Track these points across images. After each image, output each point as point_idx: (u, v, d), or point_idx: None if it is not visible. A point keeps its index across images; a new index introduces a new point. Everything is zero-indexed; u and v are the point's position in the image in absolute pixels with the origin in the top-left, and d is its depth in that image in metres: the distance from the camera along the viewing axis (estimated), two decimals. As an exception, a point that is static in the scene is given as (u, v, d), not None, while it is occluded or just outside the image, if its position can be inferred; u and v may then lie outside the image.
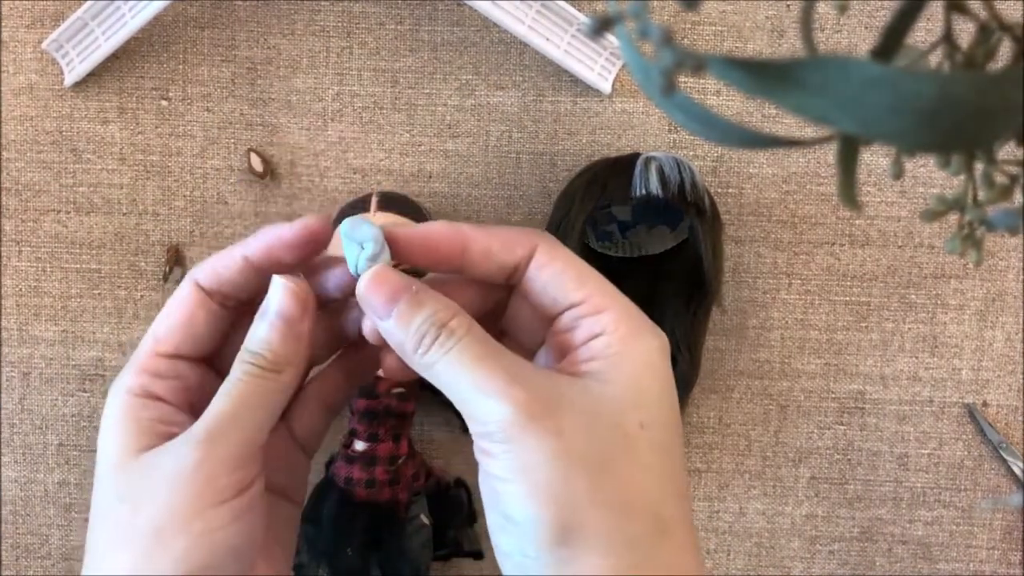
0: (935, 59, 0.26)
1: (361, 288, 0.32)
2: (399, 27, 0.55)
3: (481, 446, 0.31)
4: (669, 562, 0.30)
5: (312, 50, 0.55)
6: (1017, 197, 0.28)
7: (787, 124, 0.55)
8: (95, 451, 0.33)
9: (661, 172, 0.50)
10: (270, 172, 0.56)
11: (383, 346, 0.34)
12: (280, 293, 0.33)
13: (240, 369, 0.33)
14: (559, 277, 0.33)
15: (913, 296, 0.56)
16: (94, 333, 0.57)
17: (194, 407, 0.34)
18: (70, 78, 0.55)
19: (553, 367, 0.33)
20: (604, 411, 0.31)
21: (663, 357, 0.33)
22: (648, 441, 0.31)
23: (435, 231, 0.34)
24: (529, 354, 0.35)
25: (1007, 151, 0.30)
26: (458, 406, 0.31)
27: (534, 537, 0.29)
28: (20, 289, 0.57)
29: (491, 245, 0.33)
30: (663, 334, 0.33)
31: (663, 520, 0.30)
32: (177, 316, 0.34)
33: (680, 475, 0.32)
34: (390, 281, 0.32)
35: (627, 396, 0.31)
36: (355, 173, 0.56)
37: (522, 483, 0.30)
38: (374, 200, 0.50)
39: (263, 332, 0.33)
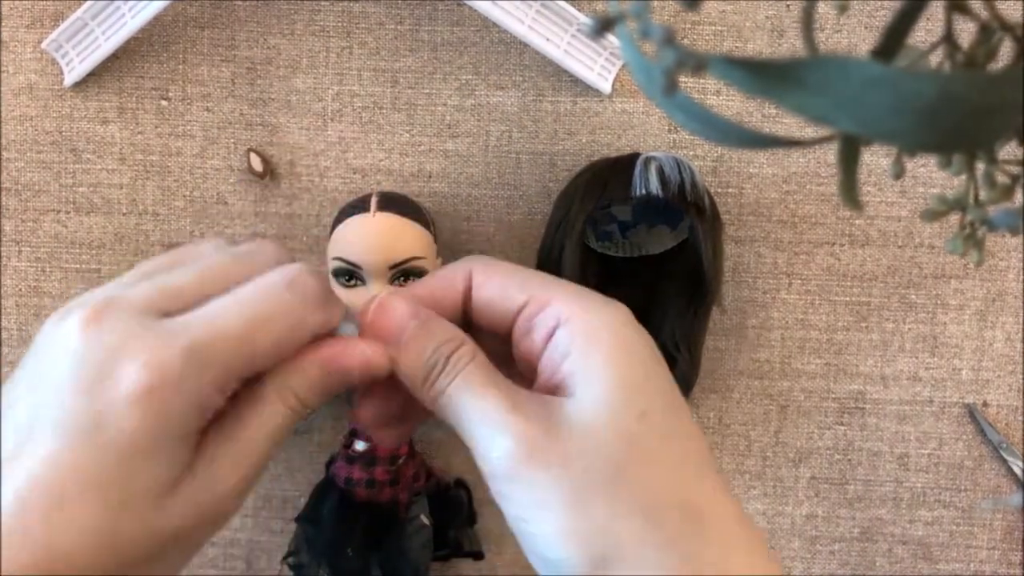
0: (936, 59, 0.26)
1: (369, 316, 0.32)
2: (399, 27, 0.55)
3: (494, 487, 0.30)
4: (713, 545, 0.29)
5: (312, 50, 0.55)
6: (1018, 197, 0.28)
7: (787, 124, 0.55)
8: None
9: (661, 172, 0.50)
10: (270, 172, 0.56)
11: (362, 396, 0.34)
12: (361, 367, 0.32)
13: (278, 412, 0.31)
14: (500, 289, 0.32)
15: (913, 296, 0.56)
16: (94, 333, 0.57)
17: None
18: (70, 78, 0.55)
19: (537, 386, 0.32)
20: (601, 419, 0.29)
21: (629, 324, 0.32)
22: (653, 431, 0.30)
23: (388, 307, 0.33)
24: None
25: (1008, 151, 0.30)
26: (466, 441, 0.31)
27: (573, 572, 0.28)
28: (20, 289, 0.57)
29: (433, 292, 0.33)
30: (618, 302, 0.32)
31: (694, 507, 0.29)
32: (280, 348, 0.31)
33: (698, 449, 0.31)
34: (397, 309, 0.32)
35: (616, 390, 0.30)
36: (355, 173, 0.56)
37: (542, 523, 0.29)
38: (374, 200, 0.50)
39: (319, 385, 0.31)
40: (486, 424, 0.30)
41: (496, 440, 0.29)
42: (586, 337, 0.31)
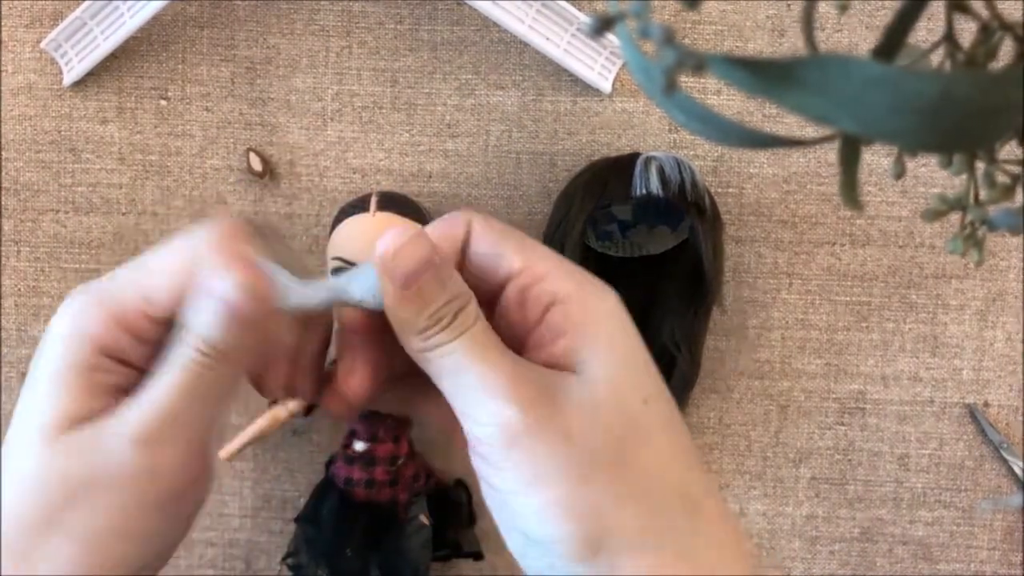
0: (936, 59, 0.26)
1: (391, 249, 0.29)
2: (399, 26, 0.55)
3: (482, 454, 0.28)
4: (708, 542, 0.28)
5: (311, 49, 0.55)
6: (1018, 197, 0.28)
7: (788, 123, 0.55)
8: None
9: (661, 172, 0.50)
10: (269, 172, 0.56)
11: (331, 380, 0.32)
12: (229, 283, 0.29)
13: (185, 355, 0.29)
14: (495, 247, 0.30)
15: (914, 296, 0.56)
16: (93, 333, 0.57)
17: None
18: (69, 78, 0.55)
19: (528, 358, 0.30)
20: (607, 398, 0.28)
21: (623, 309, 0.30)
22: (656, 417, 0.29)
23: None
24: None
25: (1008, 150, 0.30)
26: (456, 402, 0.29)
27: (562, 553, 0.27)
28: (19, 289, 0.57)
29: (437, 239, 0.31)
30: (608, 287, 0.31)
31: (691, 498, 0.28)
32: (181, 279, 0.29)
33: (691, 442, 0.30)
34: (423, 248, 0.29)
35: (623, 371, 0.29)
36: (355, 173, 0.56)
37: (536, 496, 0.27)
38: (373, 200, 0.50)
39: (210, 317, 0.29)
40: (488, 388, 0.28)
41: (498, 406, 0.27)
42: (585, 319, 0.29)
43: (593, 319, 0.29)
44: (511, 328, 0.31)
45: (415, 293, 0.29)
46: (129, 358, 0.30)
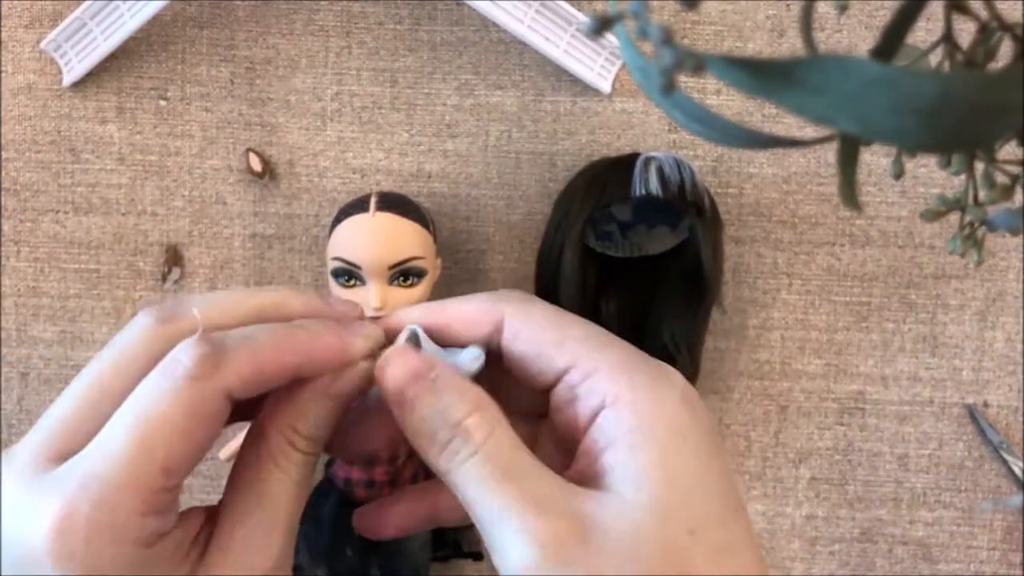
0: (935, 59, 0.26)
1: (379, 368, 0.28)
2: (398, 27, 0.55)
3: None
4: None
5: (311, 50, 0.55)
6: (1017, 197, 0.28)
7: (787, 124, 0.55)
8: None
9: (661, 172, 0.50)
10: (269, 172, 0.56)
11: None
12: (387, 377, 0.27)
13: (299, 462, 0.28)
14: (537, 347, 0.28)
15: (913, 296, 0.56)
16: (92, 333, 0.57)
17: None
18: (68, 78, 0.55)
19: (575, 470, 0.27)
20: (645, 531, 0.25)
21: (685, 406, 0.27)
22: (704, 547, 0.25)
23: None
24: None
25: (1008, 151, 0.30)
26: (478, 527, 0.26)
27: None
28: (18, 289, 0.57)
29: (451, 326, 0.29)
30: (675, 373, 0.28)
31: None
32: (199, 437, 0.26)
33: (748, 563, 0.26)
34: (407, 363, 0.27)
35: (666, 497, 0.25)
36: (354, 173, 0.56)
37: None
38: (373, 200, 0.50)
39: (326, 414, 0.28)
40: (506, 524, 0.25)
41: (518, 546, 0.25)
42: (636, 427, 0.26)
43: (643, 427, 0.26)
44: (563, 432, 0.28)
45: (409, 409, 0.27)
46: None
